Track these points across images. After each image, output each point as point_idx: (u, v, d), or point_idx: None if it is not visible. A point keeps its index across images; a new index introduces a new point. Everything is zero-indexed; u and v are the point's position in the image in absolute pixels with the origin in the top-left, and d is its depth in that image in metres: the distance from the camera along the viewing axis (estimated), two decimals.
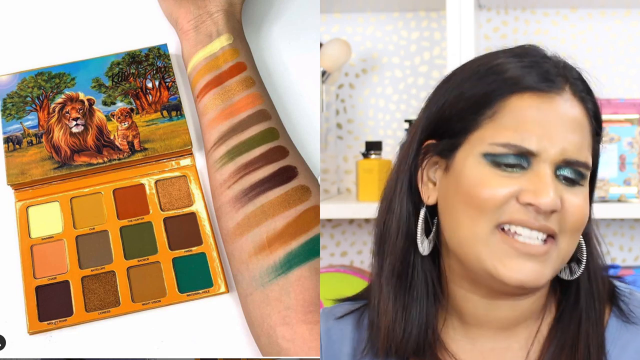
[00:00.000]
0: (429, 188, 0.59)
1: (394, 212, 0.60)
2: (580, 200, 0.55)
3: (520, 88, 0.55)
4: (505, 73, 0.56)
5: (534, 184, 0.54)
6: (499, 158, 0.54)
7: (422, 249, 0.59)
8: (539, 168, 0.54)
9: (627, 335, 0.58)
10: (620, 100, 1.04)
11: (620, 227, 1.20)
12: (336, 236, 1.24)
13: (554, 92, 0.55)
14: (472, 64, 0.59)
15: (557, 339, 0.58)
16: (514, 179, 0.54)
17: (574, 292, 0.59)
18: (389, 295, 0.59)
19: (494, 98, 0.55)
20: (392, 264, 0.59)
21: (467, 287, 0.58)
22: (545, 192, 0.53)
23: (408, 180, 0.60)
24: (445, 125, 0.57)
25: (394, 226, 0.60)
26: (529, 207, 0.54)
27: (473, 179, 0.55)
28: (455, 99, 0.57)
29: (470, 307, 0.59)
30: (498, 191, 0.54)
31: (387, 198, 0.61)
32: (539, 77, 0.55)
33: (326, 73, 1.10)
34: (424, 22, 1.22)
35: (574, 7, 1.18)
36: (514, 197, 0.54)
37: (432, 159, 0.59)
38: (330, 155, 1.18)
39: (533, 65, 0.56)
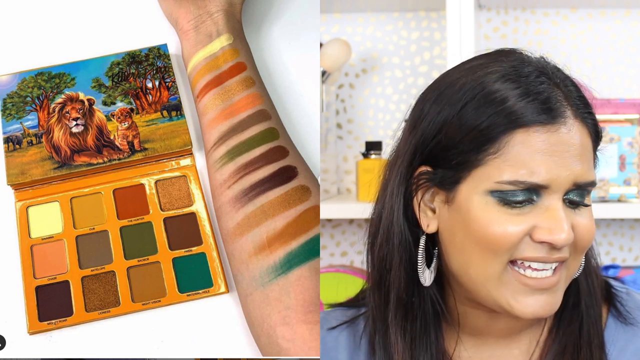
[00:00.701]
0: (427, 216, 0.57)
1: (393, 242, 0.58)
2: (587, 220, 0.54)
3: (523, 122, 0.53)
4: (504, 104, 0.53)
5: (547, 221, 0.53)
6: (507, 196, 0.53)
7: (423, 279, 0.57)
8: (550, 201, 0.53)
9: (625, 337, 0.58)
10: (620, 100, 1.04)
11: (620, 227, 1.20)
12: (336, 236, 1.24)
13: (558, 122, 0.53)
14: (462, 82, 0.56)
15: (559, 341, 0.58)
16: (525, 215, 0.53)
17: (574, 293, 0.58)
18: (397, 327, 0.58)
19: (497, 134, 0.53)
20: (397, 295, 0.58)
21: (469, 305, 0.58)
22: (560, 228, 0.52)
23: (404, 208, 0.58)
24: (443, 155, 0.55)
25: (396, 258, 0.58)
26: (544, 244, 0.53)
27: (483, 219, 0.53)
28: (453, 128, 0.54)
29: (472, 320, 0.59)
30: (510, 231, 0.53)
31: (383, 228, 0.59)
32: (541, 108, 0.53)
33: (326, 73, 1.10)
34: (424, 22, 1.22)
35: (574, 7, 1.18)
36: (527, 234, 0.53)
37: (426, 186, 0.57)
38: (330, 155, 1.18)
39: (530, 92, 0.53)
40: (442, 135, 0.55)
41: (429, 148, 0.56)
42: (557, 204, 0.53)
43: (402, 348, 0.58)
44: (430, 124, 0.56)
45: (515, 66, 0.55)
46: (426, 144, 0.56)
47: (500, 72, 0.54)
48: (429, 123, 0.56)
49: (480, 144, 0.53)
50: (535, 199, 0.53)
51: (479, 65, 0.56)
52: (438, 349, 0.58)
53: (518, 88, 0.53)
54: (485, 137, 0.53)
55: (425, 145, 0.56)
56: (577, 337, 0.57)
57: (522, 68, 0.55)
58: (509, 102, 0.53)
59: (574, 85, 0.56)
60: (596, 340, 0.57)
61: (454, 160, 0.54)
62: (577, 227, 0.54)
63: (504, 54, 0.57)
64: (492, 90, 0.54)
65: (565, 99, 0.54)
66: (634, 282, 1.05)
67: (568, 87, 0.55)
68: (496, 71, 0.55)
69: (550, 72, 0.55)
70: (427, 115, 0.56)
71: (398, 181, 0.58)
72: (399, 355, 0.58)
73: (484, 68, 0.55)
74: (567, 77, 0.56)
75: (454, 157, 0.54)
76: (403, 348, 0.58)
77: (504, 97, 0.53)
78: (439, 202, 0.57)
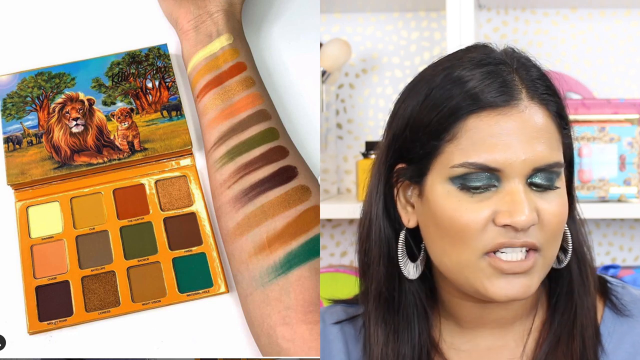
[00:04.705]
0: (407, 211, 0.58)
1: (372, 238, 0.59)
2: (554, 205, 0.54)
3: (476, 108, 0.53)
4: (459, 91, 0.54)
5: (507, 204, 0.53)
6: (466, 181, 0.53)
7: (406, 272, 0.58)
8: (509, 185, 0.53)
9: (622, 329, 0.58)
10: (620, 100, 1.04)
11: (620, 227, 1.20)
12: (336, 236, 1.24)
13: (510, 104, 0.54)
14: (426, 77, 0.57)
15: (553, 330, 0.58)
16: (486, 201, 0.53)
17: (567, 281, 0.59)
18: (378, 320, 0.59)
19: (452, 121, 0.54)
20: (377, 289, 0.59)
21: (459, 296, 0.59)
22: (520, 211, 0.52)
23: (383, 204, 0.59)
24: (409, 150, 0.56)
25: (375, 252, 0.59)
26: (507, 227, 0.53)
27: (446, 208, 0.54)
28: (415, 123, 0.56)
29: (465, 312, 0.59)
30: (473, 218, 0.53)
31: (364, 224, 0.60)
32: (493, 92, 0.54)
33: (326, 73, 1.10)
34: (424, 22, 1.22)
35: (574, 7, 1.18)
36: (490, 220, 0.53)
37: (404, 183, 0.58)
38: (330, 155, 1.18)
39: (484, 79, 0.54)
40: (408, 130, 0.56)
41: (398, 144, 0.57)
42: (518, 187, 0.53)
43: (383, 340, 0.59)
44: (400, 120, 0.57)
45: (475, 58, 0.56)
46: (397, 140, 0.57)
47: (461, 64, 0.56)
48: (399, 120, 0.57)
49: (437, 133, 0.55)
50: (497, 185, 0.54)
51: (445, 60, 0.58)
52: (422, 342, 0.59)
53: (473, 77, 0.54)
54: (441, 126, 0.54)
55: (396, 141, 0.57)
56: (571, 326, 0.58)
57: (483, 59, 0.56)
58: (465, 88, 0.54)
59: (537, 70, 0.56)
60: (589, 330, 0.58)
61: (418, 153, 0.56)
62: (542, 213, 0.54)
63: (468, 50, 0.58)
64: (448, 80, 0.55)
65: (520, 82, 0.55)
66: (634, 282, 1.05)
67: (528, 71, 0.56)
68: (459, 64, 0.56)
69: (509, 60, 0.56)
70: (397, 113, 0.58)
71: (377, 180, 0.59)
72: (377, 347, 0.59)
73: (447, 62, 0.57)
74: (530, 63, 0.57)
75: (418, 149, 0.56)
76: (384, 341, 0.59)
77: (459, 84, 0.54)
78: (415, 196, 0.58)
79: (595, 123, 1.04)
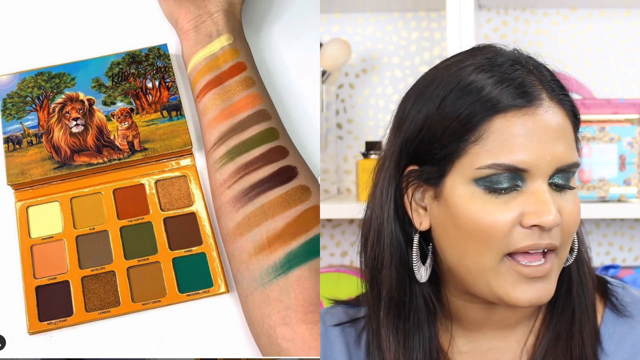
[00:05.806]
0: (419, 214, 0.58)
1: (383, 242, 0.59)
2: (572, 205, 0.55)
3: (501, 108, 0.53)
4: (480, 93, 0.54)
5: (533, 205, 0.53)
6: (492, 183, 0.53)
7: (419, 276, 0.58)
8: (533, 185, 0.53)
9: (622, 329, 0.58)
10: (620, 100, 1.04)
11: (620, 227, 1.20)
12: (336, 236, 1.24)
13: (534, 104, 0.54)
14: (439, 79, 0.57)
15: (552, 328, 0.59)
16: (512, 202, 0.53)
17: (566, 280, 0.59)
18: (390, 326, 0.59)
19: (475, 123, 0.54)
20: (389, 294, 0.59)
21: (466, 298, 0.59)
22: (547, 210, 0.52)
23: (394, 207, 0.58)
24: (427, 151, 0.56)
25: (387, 257, 0.58)
26: (533, 228, 0.53)
27: (470, 210, 0.54)
28: (434, 123, 0.55)
29: (470, 314, 0.59)
30: (500, 219, 0.53)
31: (373, 229, 0.59)
32: (516, 93, 0.54)
33: (326, 73, 1.10)
34: (424, 22, 1.22)
35: (574, 7, 1.18)
36: (516, 222, 0.53)
37: (415, 185, 0.58)
38: (330, 155, 1.18)
39: (504, 79, 0.54)
40: (425, 132, 0.56)
41: (413, 146, 0.57)
42: (542, 187, 0.53)
43: (395, 347, 0.59)
44: (412, 123, 0.57)
45: (489, 58, 0.56)
46: (410, 142, 0.57)
47: (475, 65, 0.56)
48: (411, 122, 0.57)
49: (460, 134, 0.54)
50: (521, 185, 0.54)
51: (454, 62, 0.58)
52: (432, 346, 0.59)
53: (493, 77, 0.54)
54: (464, 127, 0.54)
55: (409, 144, 0.57)
56: (570, 324, 0.58)
57: (495, 59, 0.56)
58: (485, 90, 0.54)
59: (548, 71, 0.57)
60: (588, 328, 0.58)
61: (437, 155, 0.55)
62: (564, 210, 0.54)
63: (478, 49, 0.58)
64: (468, 81, 0.55)
65: (539, 83, 0.55)
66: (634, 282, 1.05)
67: (542, 72, 0.56)
68: (471, 64, 0.56)
69: (523, 61, 0.56)
70: (408, 115, 0.57)
71: (387, 182, 0.59)
72: (390, 354, 0.59)
73: (459, 64, 0.57)
74: (540, 64, 0.57)
75: (437, 151, 0.55)
76: (396, 347, 0.59)
77: (480, 86, 0.54)
78: (429, 199, 0.57)
79: (595, 123, 1.04)
